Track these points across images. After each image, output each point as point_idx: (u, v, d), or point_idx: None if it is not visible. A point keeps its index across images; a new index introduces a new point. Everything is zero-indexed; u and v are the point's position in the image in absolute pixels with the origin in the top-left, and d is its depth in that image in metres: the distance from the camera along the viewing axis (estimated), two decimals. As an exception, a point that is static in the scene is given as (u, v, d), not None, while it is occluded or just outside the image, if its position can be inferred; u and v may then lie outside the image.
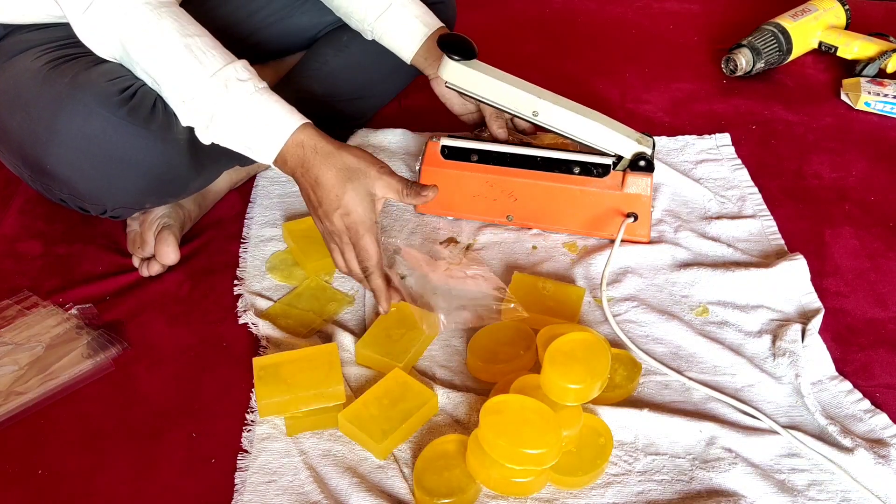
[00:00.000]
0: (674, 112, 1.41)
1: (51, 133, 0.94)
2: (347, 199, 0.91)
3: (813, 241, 1.13)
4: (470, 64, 1.07)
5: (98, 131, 0.94)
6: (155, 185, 1.01)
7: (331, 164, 0.91)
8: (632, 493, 0.82)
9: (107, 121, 0.94)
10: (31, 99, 0.96)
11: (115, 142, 0.95)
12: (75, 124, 0.94)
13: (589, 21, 1.70)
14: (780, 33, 1.47)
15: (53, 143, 0.95)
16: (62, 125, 0.94)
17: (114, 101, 0.94)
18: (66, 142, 0.94)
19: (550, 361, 0.83)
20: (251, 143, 0.92)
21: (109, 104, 0.94)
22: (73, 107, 0.93)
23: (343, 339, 0.96)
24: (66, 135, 0.94)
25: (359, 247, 0.93)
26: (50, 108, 0.94)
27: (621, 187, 1.09)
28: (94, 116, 0.94)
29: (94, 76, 0.95)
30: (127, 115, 0.94)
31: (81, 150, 0.95)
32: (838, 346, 0.97)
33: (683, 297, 1.04)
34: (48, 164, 0.97)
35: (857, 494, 0.81)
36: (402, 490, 0.82)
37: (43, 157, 0.96)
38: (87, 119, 0.94)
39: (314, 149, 0.91)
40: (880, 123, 1.38)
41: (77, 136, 0.94)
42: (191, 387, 0.93)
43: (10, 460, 0.86)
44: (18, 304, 1.01)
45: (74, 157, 0.96)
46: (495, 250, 1.11)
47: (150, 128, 0.96)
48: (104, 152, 0.95)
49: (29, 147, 0.97)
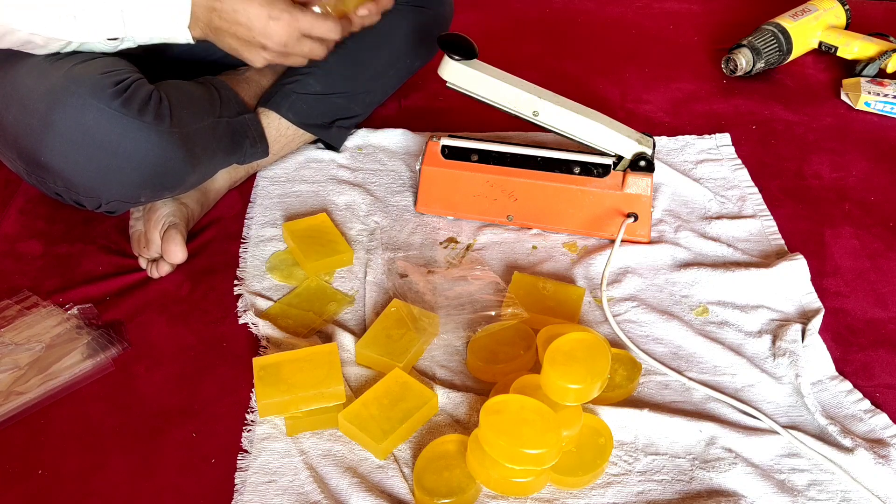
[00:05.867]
0: (674, 112, 1.41)
1: (45, 125, 0.95)
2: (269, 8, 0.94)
3: (813, 241, 1.13)
4: (470, 64, 1.07)
5: (92, 123, 0.95)
6: (149, 178, 1.01)
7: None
8: (632, 493, 0.82)
9: (101, 112, 0.94)
10: (26, 92, 0.96)
11: (109, 133, 0.95)
12: (70, 116, 0.94)
13: (589, 21, 1.70)
14: (780, 33, 1.47)
15: (48, 136, 0.95)
16: (57, 117, 0.94)
17: (108, 93, 0.95)
18: (60, 134, 0.95)
19: (550, 361, 0.83)
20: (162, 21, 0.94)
21: (103, 96, 0.94)
22: (67, 99, 0.94)
23: (343, 339, 0.96)
24: (60, 127, 0.95)
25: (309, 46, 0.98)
26: (45, 101, 0.95)
27: (621, 187, 1.09)
28: (88, 108, 0.94)
29: (89, 69, 0.96)
30: (121, 107, 0.95)
31: (76, 142, 0.95)
32: (838, 346, 0.97)
33: (683, 297, 1.04)
34: (43, 157, 0.97)
35: (857, 494, 0.81)
36: (402, 490, 0.82)
37: (38, 149, 0.97)
38: (82, 111, 0.94)
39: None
40: (880, 123, 1.38)
41: (71, 128, 0.95)
42: (191, 387, 0.93)
43: (10, 460, 0.86)
44: (18, 304, 1.01)
45: (69, 150, 0.96)
46: (495, 250, 1.11)
47: (144, 119, 0.96)
48: (98, 144, 0.96)
49: (24, 140, 0.98)
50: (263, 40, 0.96)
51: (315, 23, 0.97)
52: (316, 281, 1.05)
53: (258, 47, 0.97)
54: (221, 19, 0.95)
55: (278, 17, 0.95)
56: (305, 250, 1.07)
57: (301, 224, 1.11)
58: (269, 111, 1.18)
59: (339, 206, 1.18)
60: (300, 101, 1.20)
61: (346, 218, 1.16)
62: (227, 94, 1.13)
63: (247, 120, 1.14)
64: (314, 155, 1.27)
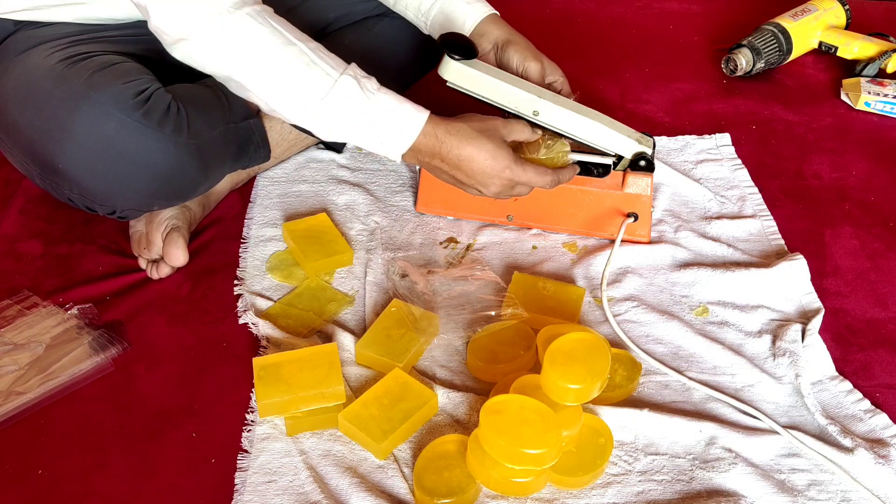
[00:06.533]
0: (674, 112, 1.41)
1: (64, 132, 0.94)
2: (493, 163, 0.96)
3: (813, 241, 1.13)
4: (470, 63, 1.06)
5: (113, 133, 0.94)
6: (165, 188, 1.01)
7: (465, 141, 0.95)
8: (632, 493, 0.82)
9: (122, 123, 0.94)
10: (43, 97, 0.95)
11: (129, 144, 0.95)
12: (90, 124, 0.94)
13: (589, 21, 1.70)
14: (780, 33, 1.47)
15: (67, 143, 0.95)
16: (77, 125, 0.94)
17: (130, 104, 0.94)
18: (79, 142, 0.94)
19: (550, 361, 0.83)
20: (382, 139, 0.95)
21: (125, 106, 0.94)
22: (88, 107, 0.93)
23: (343, 339, 0.96)
24: (80, 135, 0.94)
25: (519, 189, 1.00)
26: (65, 107, 0.94)
27: (621, 187, 1.09)
28: (110, 118, 0.94)
29: (110, 77, 0.96)
30: (142, 118, 0.94)
31: (95, 150, 0.95)
32: (838, 346, 0.97)
33: (683, 297, 1.04)
34: (60, 163, 0.97)
35: (857, 494, 0.81)
36: (402, 490, 0.82)
37: (55, 155, 0.96)
38: (103, 120, 0.94)
39: (446, 132, 0.95)
40: (880, 123, 1.38)
41: (91, 136, 0.94)
42: (191, 387, 0.93)
43: (10, 460, 0.86)
44: (18, 304, 1.01)
45: (88, 158, 0.96)
46: (495, 250, 1.11)
47: (164, 131, 0.96)
48: (118, 153, 0.95)
49: (40, 145, 0.97)
50: (480, 188, 0.99)
51: (533, 179, 0.99)
52: (316, 281, 1.05)
53: (473, 190, 1.00)
54: (443, 162, 0.97)
55: (500, 175, 0.97)
56: (305, 250, 1.07)
57: (301, 224, 1.11)
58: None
59: (339, 206, 1.18)
60: None
61: (346, 218, 1.16)
62: (233, 99, 1.13)
63: (251, 125, 1.14)
64: (314, 155, 1.27)
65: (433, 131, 0.94)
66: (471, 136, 0.95)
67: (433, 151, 0.95)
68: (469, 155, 0.95)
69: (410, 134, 0.94)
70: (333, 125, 0.93)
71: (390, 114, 0.93)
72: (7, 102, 0.98)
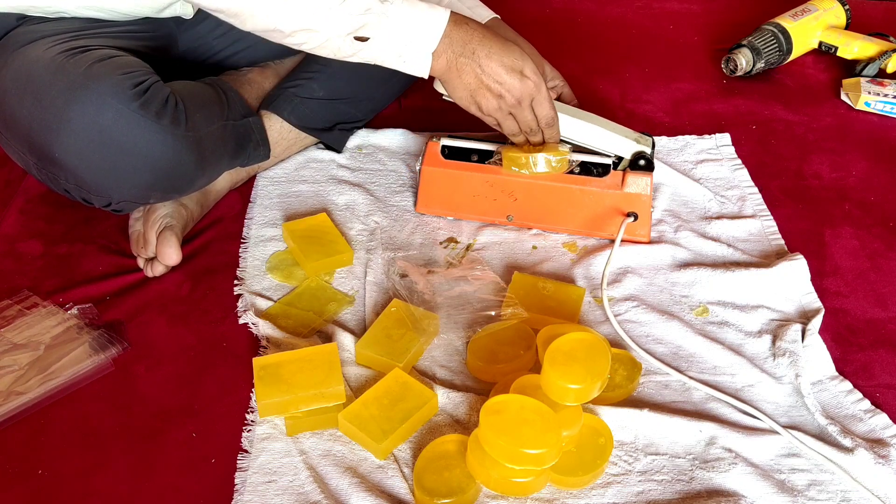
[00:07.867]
0: (674, 112, 1.41)
1: (62, 122, 0.94)
2: (523, 61, 0.98)
3: (813, 241, 1.13)
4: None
5: (110, 122, 0.94)
6: (162, 180, 1.01)
7: (496, 35, 0.98)
8: (632, 493, 0.82)
9: (119, 113, 0.94)
10: (42, 87, 0.96)
11: (125, 134, 0.95)
12: (87, 114, 0.94)
13: (589, 21, 1.70)
14: (780, 33, 1.47)
15: (64, 132, 0.95)
16: (74, 114, 0.94)
17: (128, 94, 0.94)
18: (76, 131, 0.95)
19: (550, 361, 0.83)
20: (411, 37, 0.96)
21: (123, 96, 0.94)
22: (86, 97, 0.93)
23: (343, 339, 0.96)
24: (77, 124, 0.94)
25: (539, 101, 1.01)
26: (62, 97, 0.94)
27: (621, 187, 1.09)
28: (107, 108, 0.94)
29: (109, 68, 0.96)
30: (140, 109, 0.95)
31: (92, 140, 0.95)
32: (838, 346, 0.97)
33: (683, 297, 1.04)
34: (57, 153, 0.97)
35: (857, 494, 0.81)
36: (402, 490, 0.82)
37: (52, 145, 0.96)
38: (100, 110, 0.94)
39: (476, 24, 0.98)
40: (880, 123, 1.38)
41: (88, 126, 0.94)
42: (191, 387, 0.93)
43: (10, 460, 0.86)
44: (18, 304, 1.01)
45: (84, 147, 0.96)
46: (495, 250, 1.11)
47: (161, 122, 0.96)
48: (114, 144, 0.96)
49: (37, 135, 0.97)
50: (501, 89, 0.99)
51: (550, 99, 1.02)
52: (316, 281, 1.05)
53: (493, 95, 1.00)
54: (475, 54, 0.97)
55: (529, 77, 0.99)
56: (305, 250, 1.07)
57: (301, 224, 1.11)
58: (272, 114, 1.19)
59: (339, 206, 1.18)
60: (302, 106, 1.20)
61: (346, 218, 1.16)
62: (233, 97, 1.14)
63: (251, 123, 1.14)
64: (314, 155, 1.27)
65: (463, 19, 0.97)
66: (500, 36, 0.99)
67: (466, 39, 0.96)
68: (501, 47, 0.97)
69: (440, 22, 0.95)
70: (354, 27, 0.93)
71: (412, 13, 0.94)
72: (6, 93, 0.99)
